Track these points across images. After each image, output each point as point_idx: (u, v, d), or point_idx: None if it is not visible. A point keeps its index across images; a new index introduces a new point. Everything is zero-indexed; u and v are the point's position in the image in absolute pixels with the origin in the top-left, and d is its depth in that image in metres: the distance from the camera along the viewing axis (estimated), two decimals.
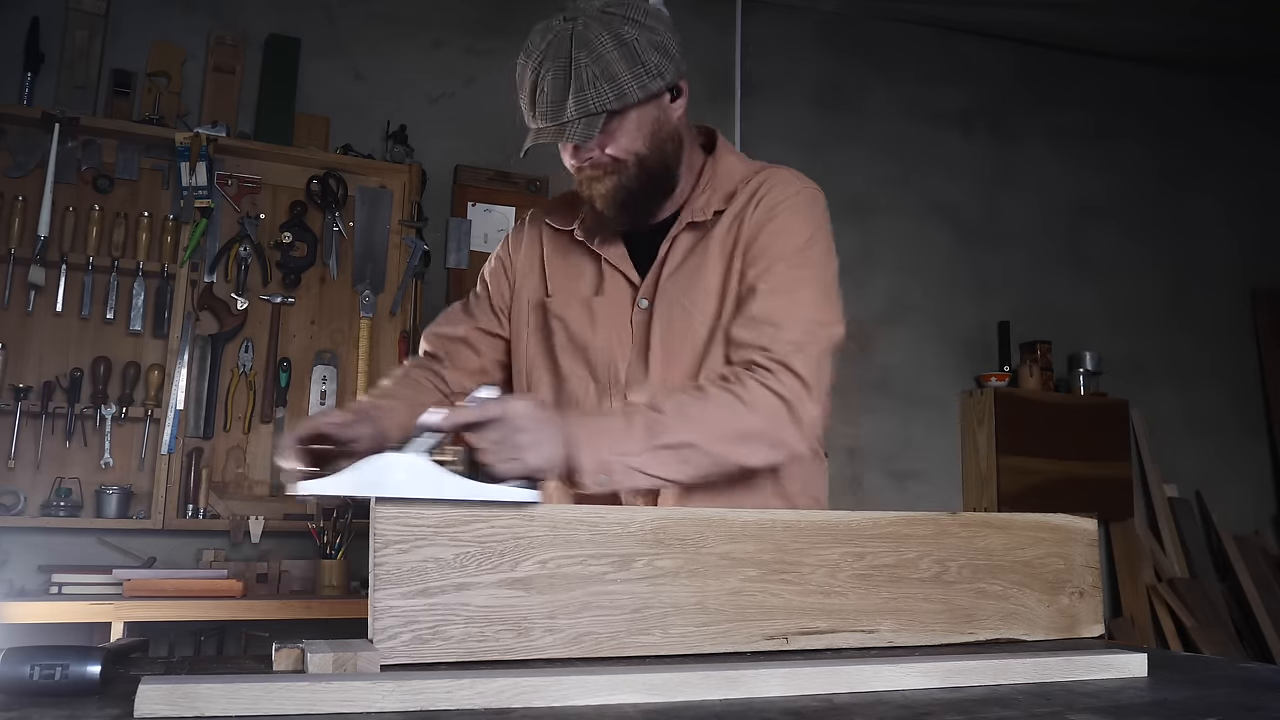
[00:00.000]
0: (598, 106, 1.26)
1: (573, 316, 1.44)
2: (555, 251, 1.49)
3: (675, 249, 1.40)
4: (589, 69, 1.25)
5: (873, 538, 1.19)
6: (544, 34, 1.30)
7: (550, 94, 1.27)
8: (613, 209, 1.36)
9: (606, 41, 1.26)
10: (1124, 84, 4.54)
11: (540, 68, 1.28)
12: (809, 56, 4.07)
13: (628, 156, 1.32)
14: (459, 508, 1.01)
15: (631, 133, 1.31)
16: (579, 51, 1.26)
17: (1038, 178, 4.35)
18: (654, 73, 1.30)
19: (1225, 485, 4.38)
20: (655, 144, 1.34)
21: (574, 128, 1.27)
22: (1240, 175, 4.69)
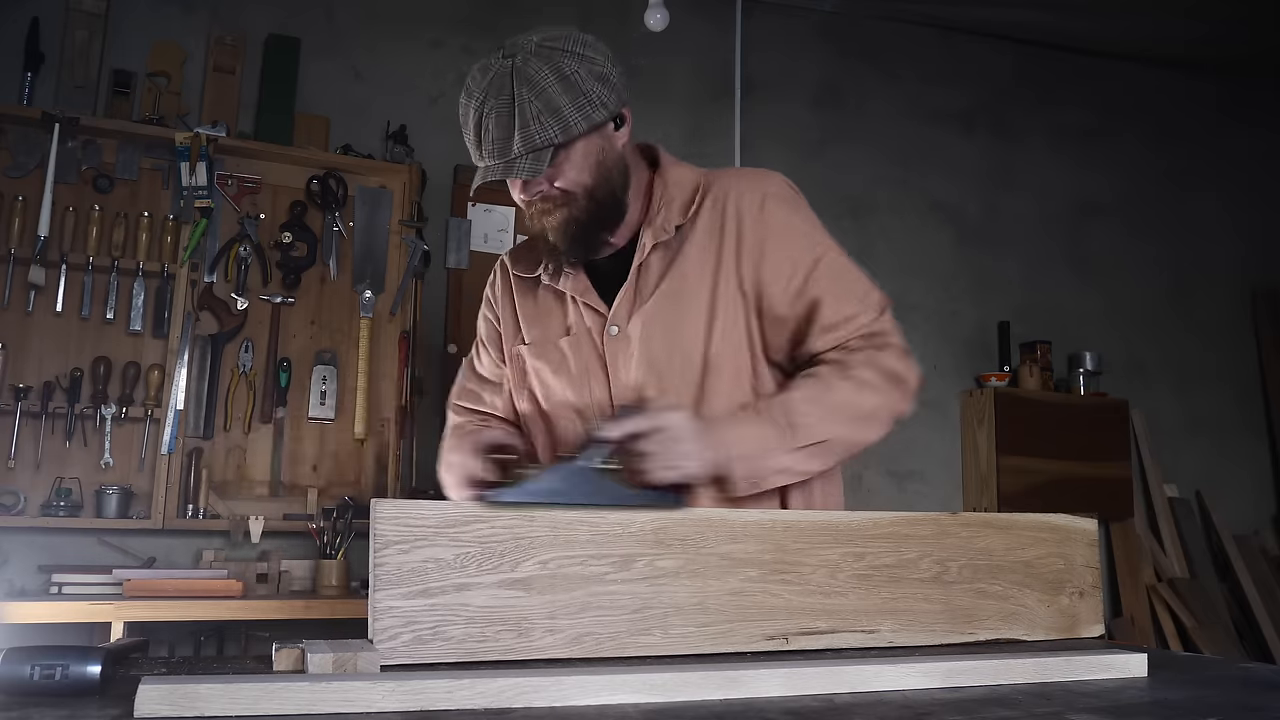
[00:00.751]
0: (543, 141, 1.26)
1: (548, 360, 1.44)
2: (525, 298, 1.50)
3: (647, 272, 1.39)
4: (532, 104, 1.26)
5: (873, 538, 1.19)
6: (484, 72, 1.30)
7: (495, 131, 1.28)
8: (565, 241, 1.35)
9: (548, 76, 1.27)
10: (1124, 84, 4.54)
11: (483, 106, 1.29)
12: (809, 56, 4.07)
13: (576, 188, 1.32)
14: (458, 508, 1.01)
15: (578, 164, 1.31)
16: (521, 87, 1.26)
17: (1038, 178, 4.35)
18: (597, 103, 1.30)
19: (1225, 485, 4.38)
20: (602, 174, 1.34)
21: (521, 164, 1.27)
22: (1240, 175, 4.69)
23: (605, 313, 1.40)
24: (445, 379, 3.28)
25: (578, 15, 3.71)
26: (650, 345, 1.36)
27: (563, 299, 1.44)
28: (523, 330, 1.49)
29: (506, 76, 1.28)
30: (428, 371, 3.27)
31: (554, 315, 1.45)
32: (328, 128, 3.27)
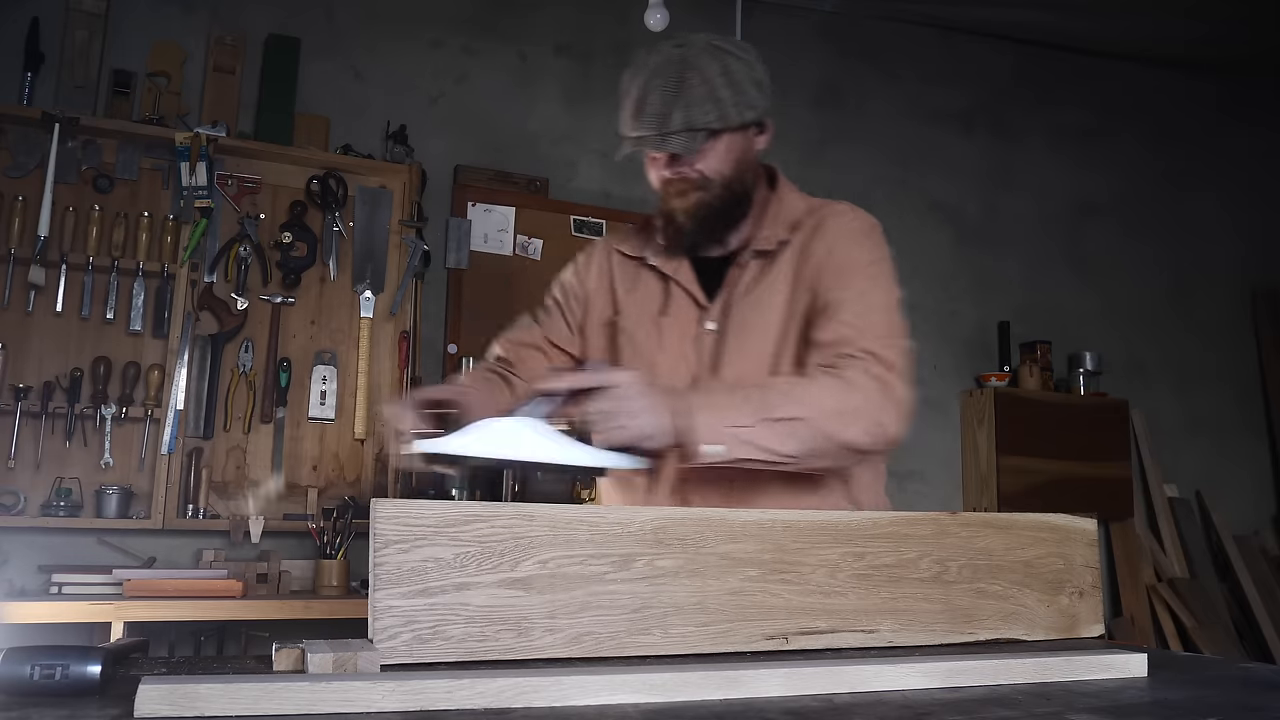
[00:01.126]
0: (701, 123, 1.37)
1: (641, 334, 1.52)
2: (624, 276, 1.59)
3: (744, 275, 1.49)
4: (698, 89, 1.37)
5: (873, 538, 1.19)
6: (653, 54, 1.42)
7: (658, 107, 1.38)
8: (693, 223, 1.45)
9: (714, 69, 1.39)
10: (1124, 84, 4.54)
11: (649, 81, 1.39)
12: (809, 56, 4.07)
13: (716, 176, 1.42)
14: (458, 507, 1.01)
15: (722, 155, 1.42)
16: (689, 72, 1.38)
17: (1038, 178, 4.35)
18: (750, 104, 1.42)
19: (1225, 485, 4.38)
20: (739, 170, 1.45)
21: (677, 139, 1.37)
22: (1240, 175, 4.69)
23: (704, 305, 1.49)
24: (445, 379, 3.29)
25: (578, 15, 3.71)
26: (739, 340, 1.46)
27: (664, 283, 1.53)
28: (619, 303, 1.57)
29: (676, 62, 1.39)
30: (428, 371, 3.28)
31: (653, 296, 1.54)
32: (328, 128, 3.27)
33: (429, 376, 3.27)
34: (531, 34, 3.63)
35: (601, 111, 3.71)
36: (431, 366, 3.30)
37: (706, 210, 1.44)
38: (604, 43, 3.75)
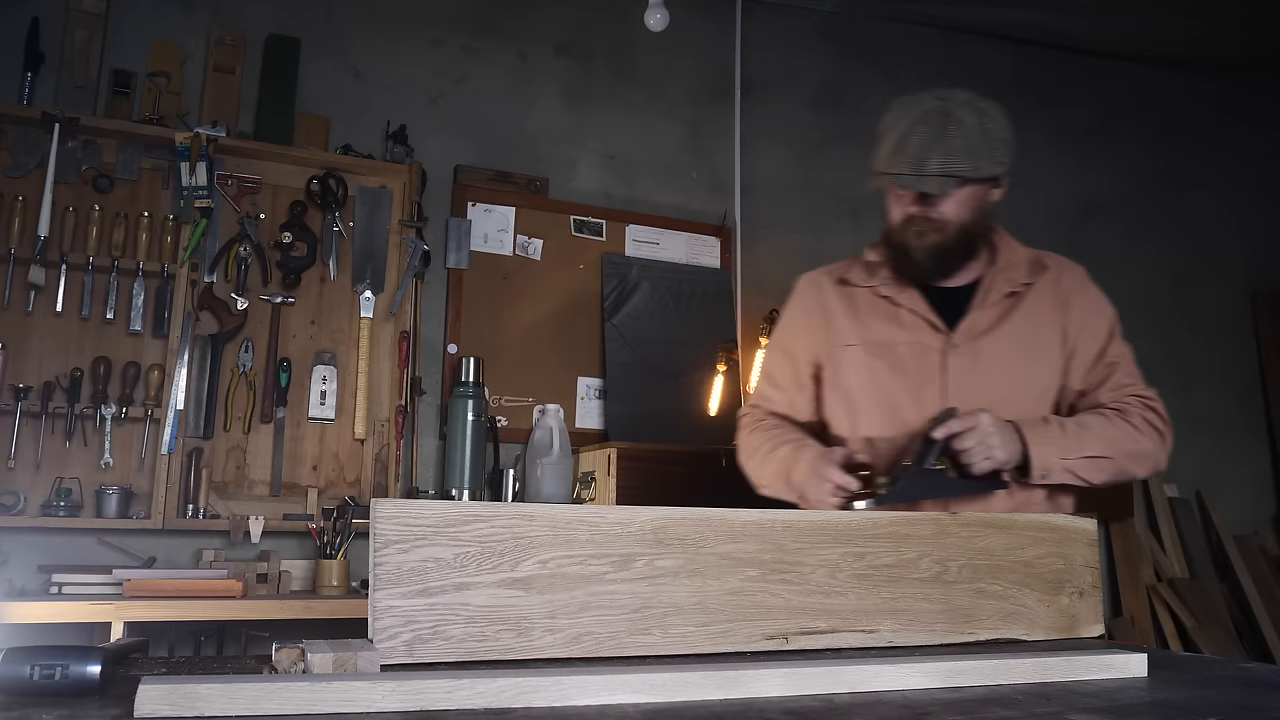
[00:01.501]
0: (956, 171, 1.56)
1: (886, 359, 1.71)
2: (852, 306, 1.78)
3: (987, 310, 1.71)
4: (958, 140, 1.56)
5: (873, 538, 1.19)
6: (915, 104, 1.62)
7: (917, 150, 1.56)
8: (929, 260, 1.67)
9: (973, 125, 1.59)
10: (1124, 84, 4.54)
11: (914, 126, 1.58)
12: (809, 56, 4.07)
13: (956, 220, 1.63)
14: (458, 507, 1.01)
15: (965, 202, 1.62)
16: (951, 125, 1.57)
17: (1038, 177, 4.34)
18: (998, 161, 1.62)
19: (1225, 485, 4.38)
20: (976, 217, 1.66)
21: (932, 180, 1.57)
22: (1240, 175, 4.69)
23: (945, 332, 1.69)
24: (445, 379, 3.29)
25: (578, 15, 3.71)
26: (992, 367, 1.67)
27: (896, 311, 1.73)
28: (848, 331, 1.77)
29: (939, 114, 1.59)
30: (428, 371, 3.28)
31: (884, 322, 1.74)
32: (328, 128, 3.27)
33: (429, 376, 3.27)
34: (531, 34, 3.62)
35: (602, 111, 3.71)
36: (431, 367, 3.30)
37: (942, 251, 1.64)
38: (604, 43, 3.75)
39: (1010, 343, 1.69)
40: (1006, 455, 1.50)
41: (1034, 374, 1.69)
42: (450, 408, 3.12)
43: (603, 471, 3.00)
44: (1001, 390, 1.65)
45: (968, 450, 1.47)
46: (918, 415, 1.65)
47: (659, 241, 3.66)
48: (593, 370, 3.48)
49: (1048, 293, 1.74)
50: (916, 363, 1.69)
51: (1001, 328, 1.70)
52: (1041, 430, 1.57)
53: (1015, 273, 1.73)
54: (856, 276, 1.80)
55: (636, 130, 3.75)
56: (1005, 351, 1.68)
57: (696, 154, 3.83)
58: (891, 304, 1.73)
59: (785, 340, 1.88)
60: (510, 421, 3.31)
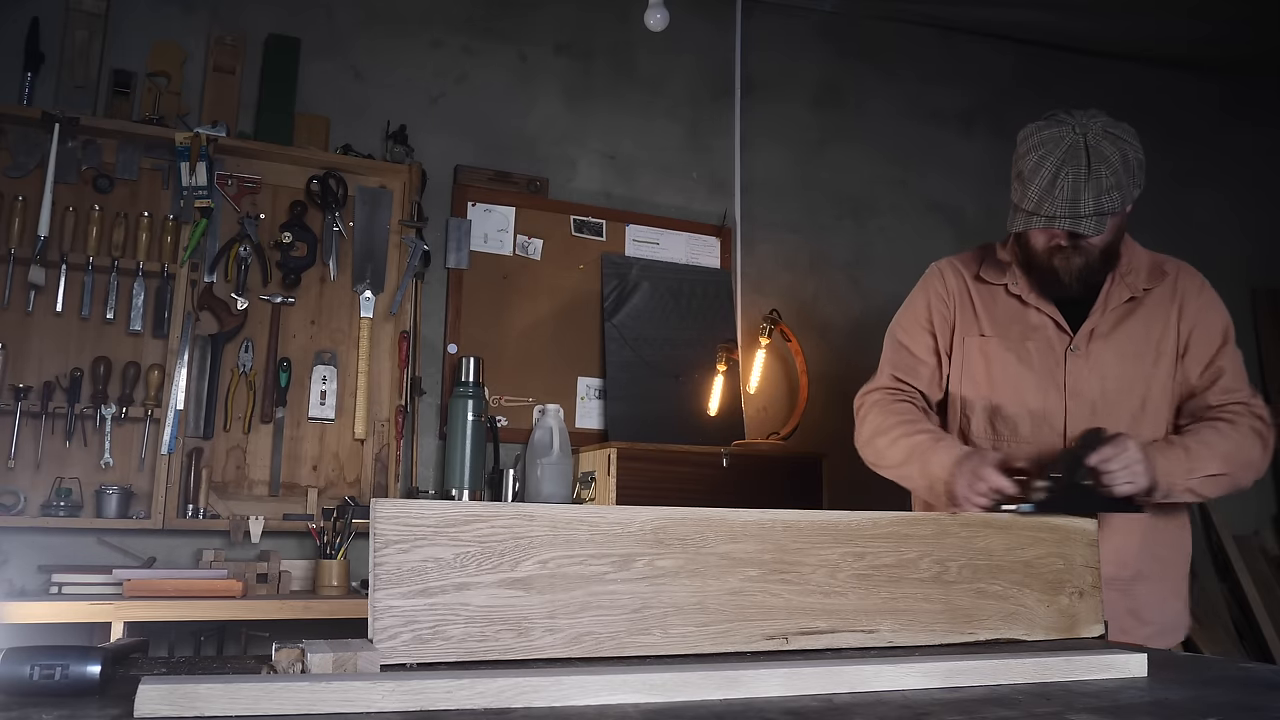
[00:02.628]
0: (1110, 209, 1.64)
1: (1015, 353, 1.82)
2: (985, 299, 1.89)
3: (1109, 313, 1.80)
4: (1108, 179, 1.63)
5: (873, 538, 1.19)
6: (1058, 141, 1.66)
7: (1069, 192, 1.63)
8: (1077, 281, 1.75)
9: (1116, 159, 1.64)
10: (1125, 83, 4.54)
11: (1061, 168, 1.64)
12: (808, 56, 4.07)
13: (1099, 244, 1.72)
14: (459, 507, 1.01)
15: (1111, 229, 1.70)
16: (1098, 163, 1.63)
17: None
18: (1137, 185, 1.69)
19: None
20: (1116, 237, 1.74)
21: (1089, 222, 1.64)
22: (1240, 174, 4.69)
23: (1070, 333, 1.80)
24: (445, 379, 3.29)
25: (578, 15, 3.71)
26: (1106, 370, 1.78)
27: (1026, 309, 1.84)
28: (982, 321, 1.87)
29: (1081, 149, 1.64)
30: (428, 371, 3.28)
31: (1015, 318, 1.84)
32: (328, 128, 3.27)
33: (429, 376, 3.27)
34: (531, 34, 3.63)
35: (602, 111, 3.71)
36: (431, 367, 3.30)
37: (1087, 271, 1.73)
38: (604, 42, 3.75)
39: (1127, 347, 1.79)
40: (1148, 481, 1.56)
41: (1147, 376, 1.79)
42: (450, 408, 3.12)
43: (603, 471, 3.00)
44: (1114, 392, 1.77)
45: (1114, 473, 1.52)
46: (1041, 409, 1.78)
47: (659, 241, 3.66)
48: (593, 370, 3.48)
49: (1165, 297, 1.83)
50: (1041, 359, 1.80)
51: (1118, 332, 1.80)
52: (1167, 454, 1.65)
53: (1135, 278, 1.82)
54: (990, 273, 1.90)
55: (636, 130, 3.75)
56: (1121, 355, 1.79)
57: (696, 154, 3.83)
58: (1022, 303, 1.84)
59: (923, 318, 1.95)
60: (510, 421, 3.32)
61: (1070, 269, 1.74)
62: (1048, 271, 1.77)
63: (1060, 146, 1.65)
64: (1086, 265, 1.74)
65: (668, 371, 3.51)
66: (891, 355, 1.98)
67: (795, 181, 3.93)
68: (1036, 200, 1.68)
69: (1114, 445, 1.54)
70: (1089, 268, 1.74)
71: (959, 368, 1.89)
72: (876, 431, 1.86)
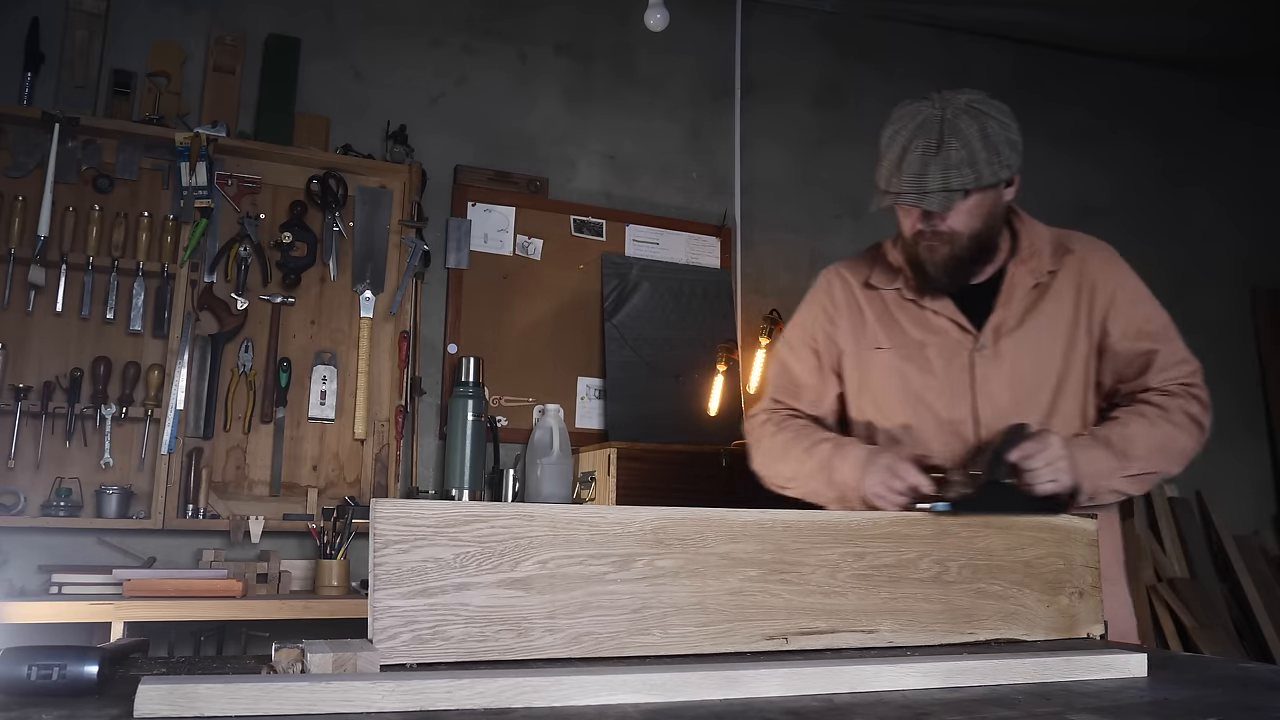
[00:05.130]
0: (958, 185, 1.50)
1: (915, 363, 1.67)
2: (877, 308, 1.73)
3: (1014, 304, 1.65)
4: (957, 152, 1.50)
5: (873, 538, 1.19)
6: (914, 115, 1.54)
7: (917, 166, 1.50)
8: (943, 274, 1.61)
9: (974, 132, 1.52)
10: (1124, 83, 4.54)
11: (911, 142, 1.51)
12: (808, 56, 4.07)
13: (965, 230, 1.56)
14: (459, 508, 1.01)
15: (972, 211, 1.55)
16: (950, 136, 1.50)
17: (1038, 177, 4.30)
18: (1003, 164, 1.54)
19: (1225, 485, 4.37)
20: (987, 223, 1.59)
21: (934, 197, 1.50)
22: (1240, 174, 4.69)
23: (974, 332, 1.64)
24: (445, 379, 3.29)
25: (578, 15, 3.71)
26: (1018, 366, 1.62)
27: (923, 313, 1.68)
28: (877, 334, 1.72)
29: (936, 123, 1.52)
30: (428, 371, 3.28)
31: (912, 324, 1.69)
32: (328, 128, 3.27)
33: (429, 376, 3.27)
34: (531, 34, 3.62)
35: (602, 111, 3.71)
36: (431, 367, 3.30)
37: (955, 263, 1.59)
38: (604, 43, 3.75)
39: (1036, 339, 1.64)
40: (1071, 480, 1.44)
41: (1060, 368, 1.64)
42: (450, 408, 3.12)
43: (603, 471, 3.00)
44: (1029, 389, 1.62)
45: (1035, 471, 1.40)
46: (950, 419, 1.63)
47: (659, 241, 3.66)
48: (593, 370, 3.48)
49: (1073, 279, 1.67)
50: (945, 365, 1.65)
51: (1026, 324, 1.65)
52: (1091, 452, 1.52)
53: (1039, 262, 1.67)
54: (880, 279, 1.75)
55: (636, 130, 3.75)
56: (1031, 349, 1.64)
57: (696, 154, 3.83)
58: (918, 307, 1.69)
59: (807, 335, 1.81)
60: (510, 421, 3.32)
61: (935, 259, 1.59)
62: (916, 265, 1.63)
63: (914, 121, 1.53)
64: (953, 256, 1.59)
65: (668, 371, 3.51)
66: (774, 376, 1.86)
67: (795, 181, 3.93)
68: (886, 176, 1.56)
69: (1036, 441, 1.43)
70: (956, 259, 1.59)
71: (856, 386, 1.75)
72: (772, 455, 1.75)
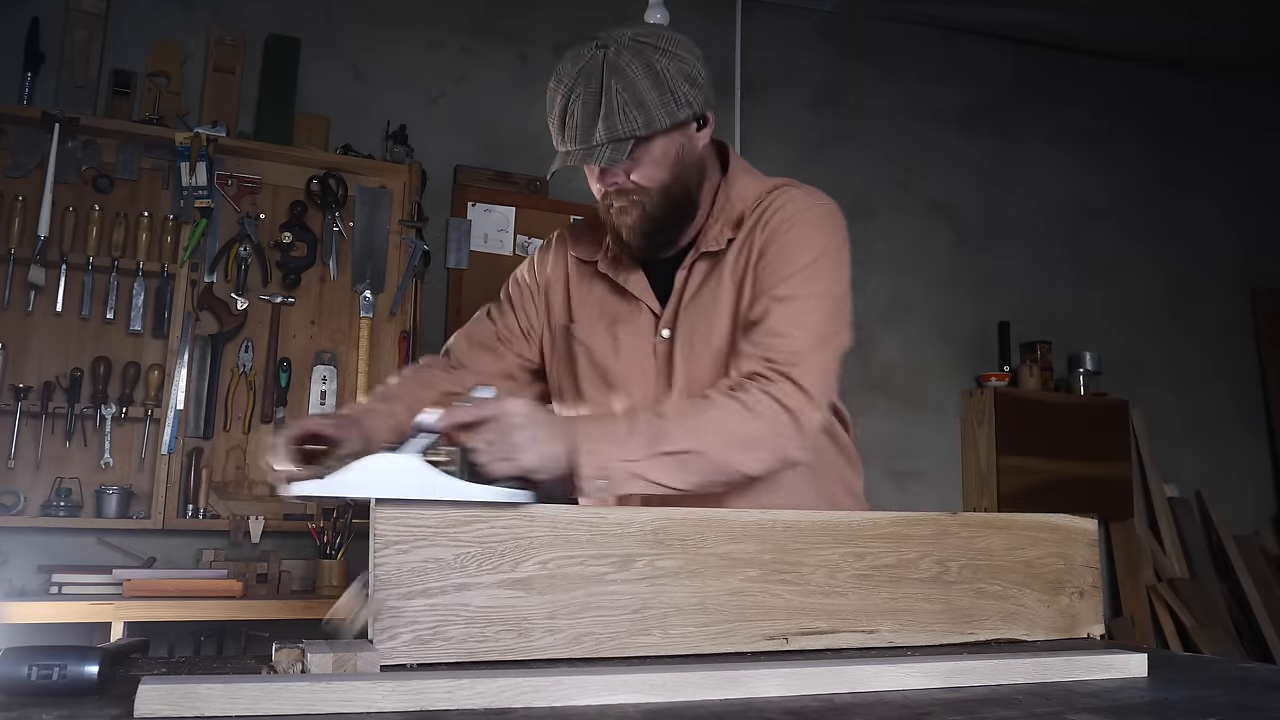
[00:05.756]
0: (626, 132, 1.28)
1: (596, 345, 1.46)
2: (580, 279, 1.51)
3: (692, 278, 1.42)
4: (620, 95, 1.28)
5: (873, 538, 1.19)
6: (575, 60, 1.32)
7: (580, 118, 1.29)
8: (638, 238, 1.38)
9: (638, 70, 1.29)
10: (1124, 84, 4.54)
11: (571, 92, 1.30)
12: (809, 56, 4.07)
13: (652, 184, 1.34)
14: (459, 508, 1.01)
15: (657, 160, 1.33)
16: (610, 78, 1.28)
17: (1038, 177, 4.34)
18: (682, 102, 1.32)
19: (1225, 485, 4.38)
20: (678, 172, 1.36)
21: (602, 151, 1.29)
22: (1239, 175, 4.69)
23: (658, 313, 1.43)
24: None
25: (578, 15, 3.71)
26: (689, 350, 1.40)
27: (618, 288, 1.47)
28: (572, 307, 1.51)
29: (597, 67, 1.29)
30: None
31: (607, 302, 1.48)
32: (328, 128, 3.27)
33: None
34: (531, 34, 3.63)
35: None
36: None
37: (649, 224, 1.36)
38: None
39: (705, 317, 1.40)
40: (538, 459, 1.09)
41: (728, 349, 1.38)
42: None
43: None
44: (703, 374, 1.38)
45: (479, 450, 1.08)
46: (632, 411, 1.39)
47: None
48: None
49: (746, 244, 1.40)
50: (630, 349, 1.44)
51: (700, 297, 1.41)
52: (602, 427, 1.20)
53: (722, 227, 1.41)
54: (584, 249, 1.51)
55: None
56: (702, 328, 1.40)
57: None
58: (613, 282, 1.47)
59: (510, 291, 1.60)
60: None
61: (628, 223, 1.36)
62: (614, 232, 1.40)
63: (574, 68, 1.30)
64: (646, 217, 1.35)
65: None
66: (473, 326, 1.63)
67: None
68: (555, 136, 1.34)
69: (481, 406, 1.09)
70: (650, 220, 1.36)
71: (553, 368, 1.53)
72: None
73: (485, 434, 1.08)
